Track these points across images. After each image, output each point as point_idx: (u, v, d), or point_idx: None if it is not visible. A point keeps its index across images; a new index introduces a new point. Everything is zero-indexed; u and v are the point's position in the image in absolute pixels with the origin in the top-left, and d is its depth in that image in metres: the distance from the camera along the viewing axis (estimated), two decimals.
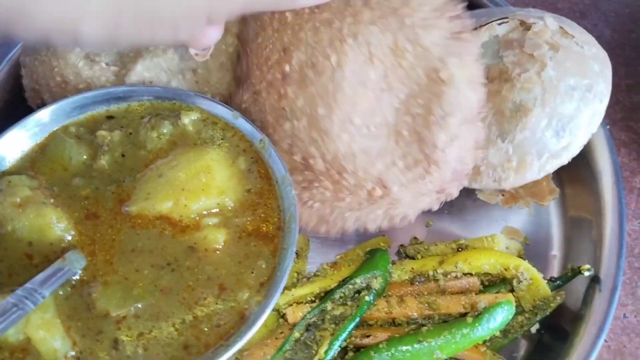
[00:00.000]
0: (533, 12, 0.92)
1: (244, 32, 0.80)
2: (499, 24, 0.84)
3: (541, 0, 1.21)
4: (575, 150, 0.82)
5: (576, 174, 0.91)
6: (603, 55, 0.86)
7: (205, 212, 0.69)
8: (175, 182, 0.69)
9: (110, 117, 0.77)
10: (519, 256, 0.81)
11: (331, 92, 0.72)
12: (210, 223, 0.68)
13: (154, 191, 0.69)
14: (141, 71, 0.79)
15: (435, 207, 0.75)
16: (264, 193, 0.72)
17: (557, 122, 0.79)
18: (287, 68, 0.74)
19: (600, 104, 0.82)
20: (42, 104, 0.82)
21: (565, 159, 0.82)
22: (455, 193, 0.76)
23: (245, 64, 0.80)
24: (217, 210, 0.70)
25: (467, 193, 0.89)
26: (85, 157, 0.73)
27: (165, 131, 0.75)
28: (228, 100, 0.83)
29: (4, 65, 0.89)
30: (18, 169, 0.72)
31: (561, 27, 0.84)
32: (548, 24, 0.83)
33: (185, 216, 0.68)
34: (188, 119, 0.76)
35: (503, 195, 0.91)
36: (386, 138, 0.72)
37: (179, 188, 0.69)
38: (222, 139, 0.76)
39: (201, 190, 0.69)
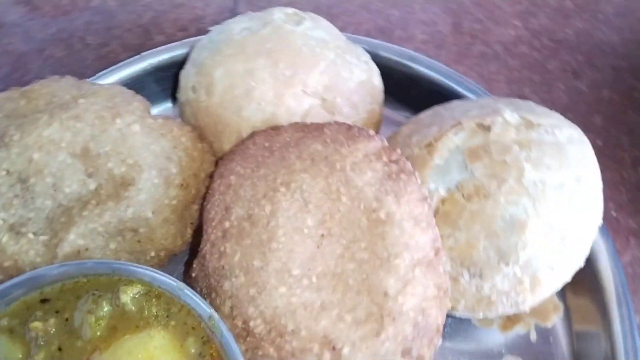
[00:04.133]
0: (485, 102, 0.81)
1: (202, 207, 0.78)
2: (455, 134, 0.75)
3: (529, 63, 1.10)
4: (587, 249, 0.73)
5: (579, 286, 0.81)
6: (578, 134, 0.77)
7: None
8: None
9: (44, 301, 0.69)
10: None
11: (266, 242, 0.68)
12: None
13: None
14: (75, 239, 0.72)
15: None
16: None
17: (558, 227, 0.69)
18: (227, 224, 0.72)
19: (596, 190, 0.74)
20: None
21: (579, 261, 0.73)
22: (428, 356, 0.66)
23: (200, 237, 0.76)
24: None
25: (461, 319, 0.79)
26: (20, 355, 0.66)
27: (103, 314, 0.67)
28: (175, 255, 0.77)
29: None
30: None
31: (523, 118, 0.74)
32: (508, 118, 0.73)
33: None
34: (127, 297, 0.68)
35: (500, 318, 0.81)
36: (331, 289, 0.65)
37: None
38: (167, 317, 0.68)
39: None
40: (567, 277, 0.72)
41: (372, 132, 0.72)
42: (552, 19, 1.15)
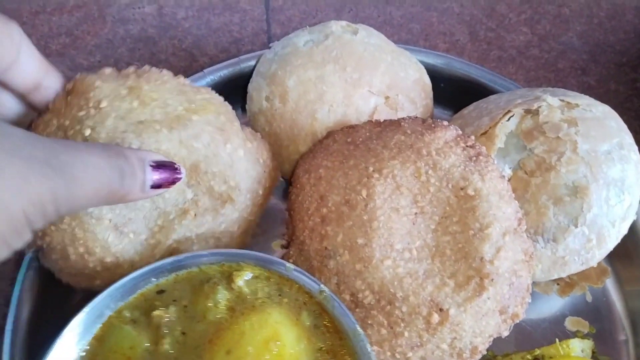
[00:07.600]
0: (522, 92, 0.92)
1: (289, 201, 0.85)
2: (507, 120, 0.85)
3: (542, 64, 1.23)
4: (636, 204, 0.83)
5: (622, 249, 0.91)
6: (608, 109, 0.89)
7: None
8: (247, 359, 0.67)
9: (160, 292, 0.74)
10: (594, 355, 0.80)
11: (367, 222, 0.75)
12: None
13: None
14: (171, 244, 0.77)
15: (506, 333, 0.74)
16: (336, 350, 0.70)
17: (613, 188, 0.80)
18: (324, 211, 0.79)
19: (636, 154, 0.85)
20: None
21: (633, 215, 0.83)
22: (521, 314, 0.74)
23: (291, 227, 0.83)
24: None
25: None
26: (147, 343, 0.70)
27: (220, 298, 0.73)
28: None
29: None
30: None
31: (562, 100, 0.85)
32: (550, 102, 0.84)
33: None
34: (242, 280, 0.74)
35: (558, 284, 0.90)
36: (430, 259, 0.73)
37: None
38: (279, 295, 0.74)
39: None
40: (625, 231, 0.82)
41: (445, 122, 0.81)
42: (554, 24, 1.29)
